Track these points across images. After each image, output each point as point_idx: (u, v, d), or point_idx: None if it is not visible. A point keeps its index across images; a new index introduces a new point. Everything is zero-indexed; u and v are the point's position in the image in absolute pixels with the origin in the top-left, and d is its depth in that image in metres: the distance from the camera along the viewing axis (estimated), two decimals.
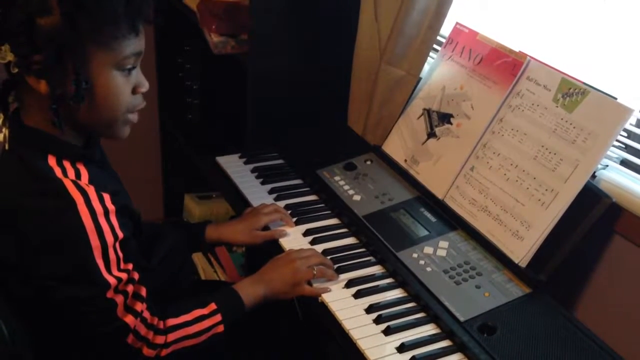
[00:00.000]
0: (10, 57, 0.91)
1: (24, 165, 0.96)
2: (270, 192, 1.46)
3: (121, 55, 0.96)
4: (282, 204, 1.40)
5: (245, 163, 1.56)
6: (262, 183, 1.49)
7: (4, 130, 0.97)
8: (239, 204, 1.46)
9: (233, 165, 1.55)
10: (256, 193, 1.45)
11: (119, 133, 1.04)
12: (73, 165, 0.99)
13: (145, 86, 1.03)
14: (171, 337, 1.07)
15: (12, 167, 0.97)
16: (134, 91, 1.01)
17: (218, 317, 1.11)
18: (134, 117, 1.04)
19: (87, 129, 1.03)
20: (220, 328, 1.12)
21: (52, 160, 0.97)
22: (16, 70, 0.92)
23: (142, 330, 1.03)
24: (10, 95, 0.99)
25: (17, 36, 0.89)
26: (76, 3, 0.89)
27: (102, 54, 0.94)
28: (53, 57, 0.90)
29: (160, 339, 1.05)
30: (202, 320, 1.10)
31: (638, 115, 1.23)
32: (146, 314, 1.04)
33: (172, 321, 1.08)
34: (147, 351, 1.04)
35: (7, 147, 0.97)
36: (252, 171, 1.53)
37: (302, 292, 1.18)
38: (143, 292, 1.04)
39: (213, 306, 1.12)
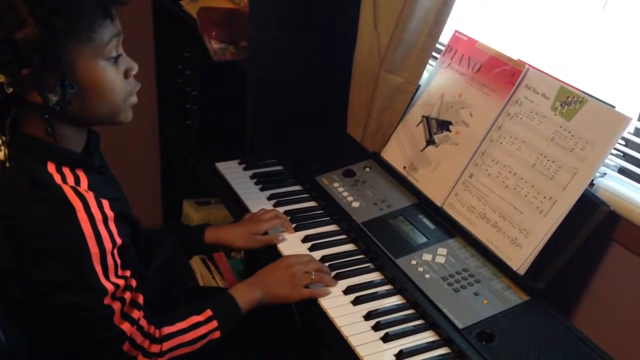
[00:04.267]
0: (0, 78, 0.91)
1: (23, 172, 0.96)
2: (270, 198, 1.46)
3: (103, 44, 0.96)
4: (281, 210, 1.41)
5: (245, 169, 1.57)
6: (262, 189, 1.49)
7: (3, 149, 0.97)
8: (238, 210, 1.46)
9: (232, 171, 1.56)
10: (255, 199, 1.45)
11: (123, 119, 1.05)
12: (72, 171, 0.99)
13: (134, 68, 1.04)
14: (166, 345, 1.06)
15: (12, 173, 0.97)
16: (126, 75, 1.02)
17: (214, 324, 1.11)
18: (134, 99, 1.05)
19: (91, 122, 1.04)
20: (217, 334, 1.11)
21: (51, 167, 0.98)
22: (10, 90, 0.92)
23: (139, 338, 1.03)
24: (9, 115, 0.99)
25: (0, 57, 0.89)
26: (48, 8, 0.89)
27: (85, 48, 0.94)
28: (40, 67, 0.90)
29: (155, 348, 1.05)
30: (198, 327, 1.09)
31: (636, 123, 1.23)
32: (143, 322, 1.03)
33: (167, 329, 1.07)
34: None
35: (7, 165, 0.97)
36: (252, 177, 1.53)
37: (300, 295, 1.18)
38: (140, 299, 1.04)
39: (209, 312, 1.11)
